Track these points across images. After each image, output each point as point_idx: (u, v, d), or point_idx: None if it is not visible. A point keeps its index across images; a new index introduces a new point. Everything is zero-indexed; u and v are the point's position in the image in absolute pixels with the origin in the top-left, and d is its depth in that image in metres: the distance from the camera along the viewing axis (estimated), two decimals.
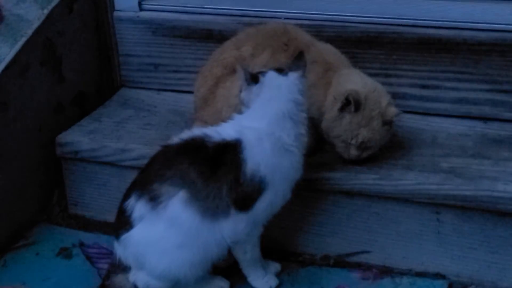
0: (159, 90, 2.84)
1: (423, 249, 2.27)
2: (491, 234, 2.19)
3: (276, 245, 2.36)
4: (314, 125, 2.27)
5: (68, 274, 2.35)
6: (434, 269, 2.27)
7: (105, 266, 2.29)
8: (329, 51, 2.39)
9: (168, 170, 2.05)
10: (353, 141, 2.24)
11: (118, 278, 2.16)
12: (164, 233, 2.05)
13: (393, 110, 2.25)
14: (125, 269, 2.14)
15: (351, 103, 2.21)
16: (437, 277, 2.25)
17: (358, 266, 2.32)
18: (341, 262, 2.33)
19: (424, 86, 2.57)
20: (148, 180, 2.08)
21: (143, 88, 2.86)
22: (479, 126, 2.51)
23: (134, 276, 2.14)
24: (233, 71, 2.37)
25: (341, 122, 2.24)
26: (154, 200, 2.04)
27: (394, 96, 2.52)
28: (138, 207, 2.07)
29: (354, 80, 2.29)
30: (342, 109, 2.23)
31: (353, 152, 2.27)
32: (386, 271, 2.29)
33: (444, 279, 2.25)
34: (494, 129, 2.49)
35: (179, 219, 2.03)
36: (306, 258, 2.36)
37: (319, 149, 2.34)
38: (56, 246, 2.47)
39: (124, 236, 2.09)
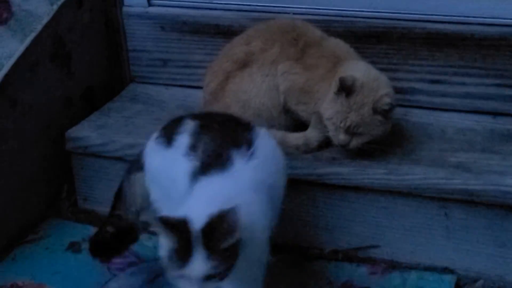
0: (168, 85, 2.85)
1: (431, 244, 2.27)
2: (499, 229, 2.19)
3: (285, 239, 2.37)
4: (322, 119, 2.28)
5: (78, 268, 2.36)
6: (442, 264, 2.27)
7: (114, 260, 2.30)
8: (338, 46, 2.40)
9: None
10: (342, 124, 2.24)
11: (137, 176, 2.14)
12: None
13: (386, 100, 2.23)
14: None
15: (345, 87, 2.21)
16: (445, 272, 2.25)
17: (367, 260, 2.32)
18: (350, 257, 2.33)
19: (432, 81, 2.57)
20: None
21: (152, 83, 2.87)
22: (487, 120, 2.51)
23: None
24: (243, 66, 2.38)
25: (334, 105, 2.24)
26: None
27: (402, 91, 2.53)
28: None
29: (358, 68, 2.29)
30: (338, 92, 2.24)
31: (341, 137, 2.25)
32: (394, 266, 2.29)
33: (452, 273, 2.25)
34: (502, 124, 2.48)
35: None
36: (315, 252, 2.37)
37: (327, 144, 2.34)
38: (66, 240, 2.48)
39: None
